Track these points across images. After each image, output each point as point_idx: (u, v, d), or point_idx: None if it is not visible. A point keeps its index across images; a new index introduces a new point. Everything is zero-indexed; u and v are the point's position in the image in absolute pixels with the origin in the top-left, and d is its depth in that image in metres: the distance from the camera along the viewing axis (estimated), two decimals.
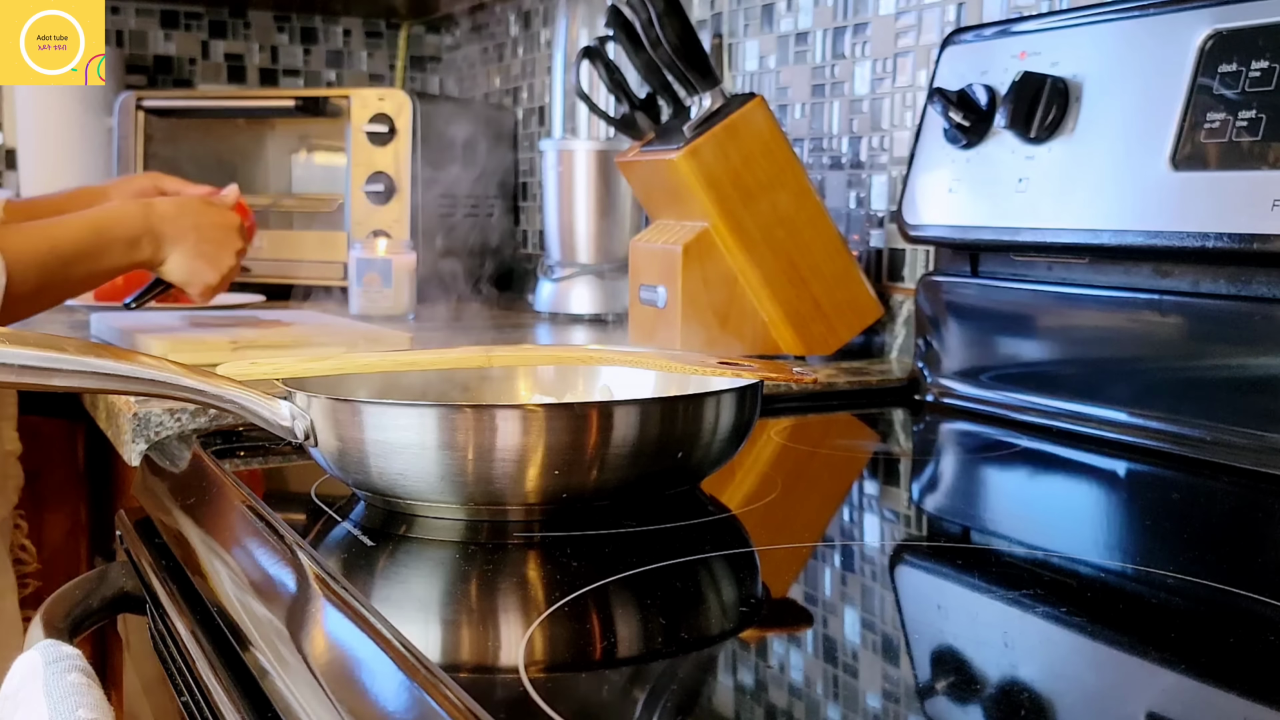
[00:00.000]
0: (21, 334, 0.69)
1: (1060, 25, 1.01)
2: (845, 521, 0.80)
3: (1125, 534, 0.77)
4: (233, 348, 1.16)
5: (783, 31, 1.53)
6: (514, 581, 0.62)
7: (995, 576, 0.64)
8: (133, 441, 0.92)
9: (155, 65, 2.35)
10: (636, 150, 1.33)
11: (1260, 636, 0.54)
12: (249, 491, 0.76)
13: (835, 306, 1.25)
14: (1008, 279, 1.07)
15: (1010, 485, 0.93)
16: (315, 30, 2.48)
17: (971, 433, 1.05)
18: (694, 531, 0.70)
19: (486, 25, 2.37)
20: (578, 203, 1.71)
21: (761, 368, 0.76)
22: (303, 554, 0.64)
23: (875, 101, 1.38)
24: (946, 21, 1.27)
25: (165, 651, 0.75)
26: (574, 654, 0.53)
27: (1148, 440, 0.92)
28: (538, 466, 0.67)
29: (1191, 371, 0.90)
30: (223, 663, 0.61)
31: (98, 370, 0.69)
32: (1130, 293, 0.95)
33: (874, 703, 0.48)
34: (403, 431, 0.68)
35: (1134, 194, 0.91)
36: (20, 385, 0.69)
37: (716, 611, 0.59)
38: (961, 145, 1.07)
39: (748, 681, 0.51)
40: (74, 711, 0.61)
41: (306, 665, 0.52)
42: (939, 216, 1.10)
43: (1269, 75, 0.84)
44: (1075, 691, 0.49)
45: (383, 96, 1.91)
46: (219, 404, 0.73)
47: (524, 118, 2.23)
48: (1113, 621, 0.56)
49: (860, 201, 1.40)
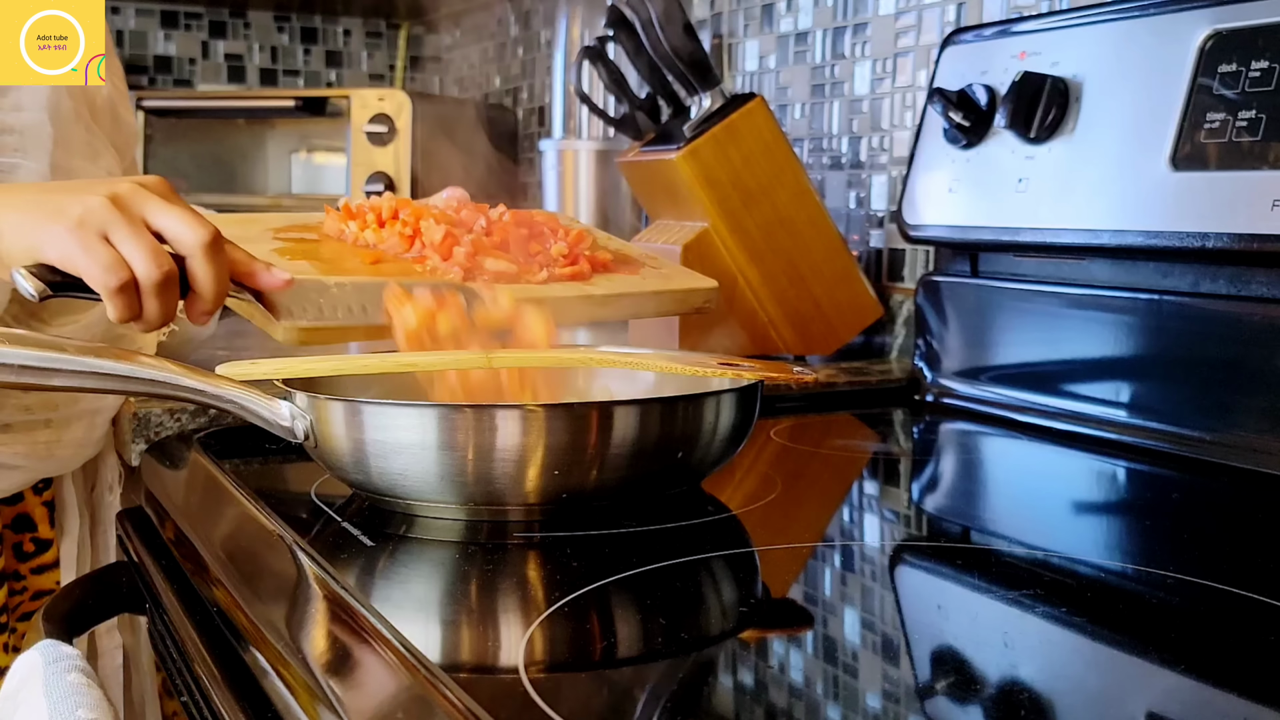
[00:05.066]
0: (21, 334, 0.69)
1: (1060, 25, 1.01)
2: (845, 521, 0.80)
3: (1125, 534, 0.77)
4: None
5: (783, 31, 1.53)
6: (514, 581, 0.62)
7: (995, 576, 0.64)
8: (133, 441, 0.92)
9: (155, 65, 2.35)
10: (636, 150, 1.33)
11: (1260, 636, 0.54)
12: (249, 491, 0.76)
13: (835, 306, 1.25)
14: (1008, 279, 1.07)
15: (1010, 485, 0.93)
16: (315, 30, 2.48)
17: (971, 433, 1.05)
18: (694, 531, 0.70)
19: (486, 25, 2.37)
20: (578, 203, 1.71)
21: (761, 368, 0.76)
22: (303, 554, 0.64)
23: (875, 101, 1.38)
24: (946, 21, 1.27)
25: (165, 651, 0.75)
26: (574, 654, 0.53)
27: (1148, 440, 0.92)
28: (538, 466, 0.67)
29: (1191, 371, 0.90)
30: (223, 663, 0.61)
31: (98, 370, 0.69)
32: (1130, 293, 0.95)
33: (874, 703, 0.48)
34: (403, 431, 0.68)
35: (1134, 194, 0.91)
36: (20, 385, 0.69)
37: (716, 611, 0.59)
38: (961, 145, 1.07)
39: (748, 681, 0.51)
40: (74, 711, 0.61)
41: (306, 665, 0.52)
42: (939, 216, 1.10)
43: (1269, 75, 0.84)
44: (1075, 692, 0.49)
45: (383, 96, 1.91)
46: (219, 404, 0.73)
47: (524, 118, 2.23)
48: (1113, 621, 0.56)
49: (860, 201, 1.40)
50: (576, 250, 0.95)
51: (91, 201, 0.73)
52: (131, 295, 0.74)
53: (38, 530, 0.99)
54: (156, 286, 0.73)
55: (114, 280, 0.72)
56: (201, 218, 0.76)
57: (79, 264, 0.73)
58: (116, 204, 0.74)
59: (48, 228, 0.73)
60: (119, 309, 0.74)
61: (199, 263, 0.74)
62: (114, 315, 0.74)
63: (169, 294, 0.74)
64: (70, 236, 0.72)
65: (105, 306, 0.74)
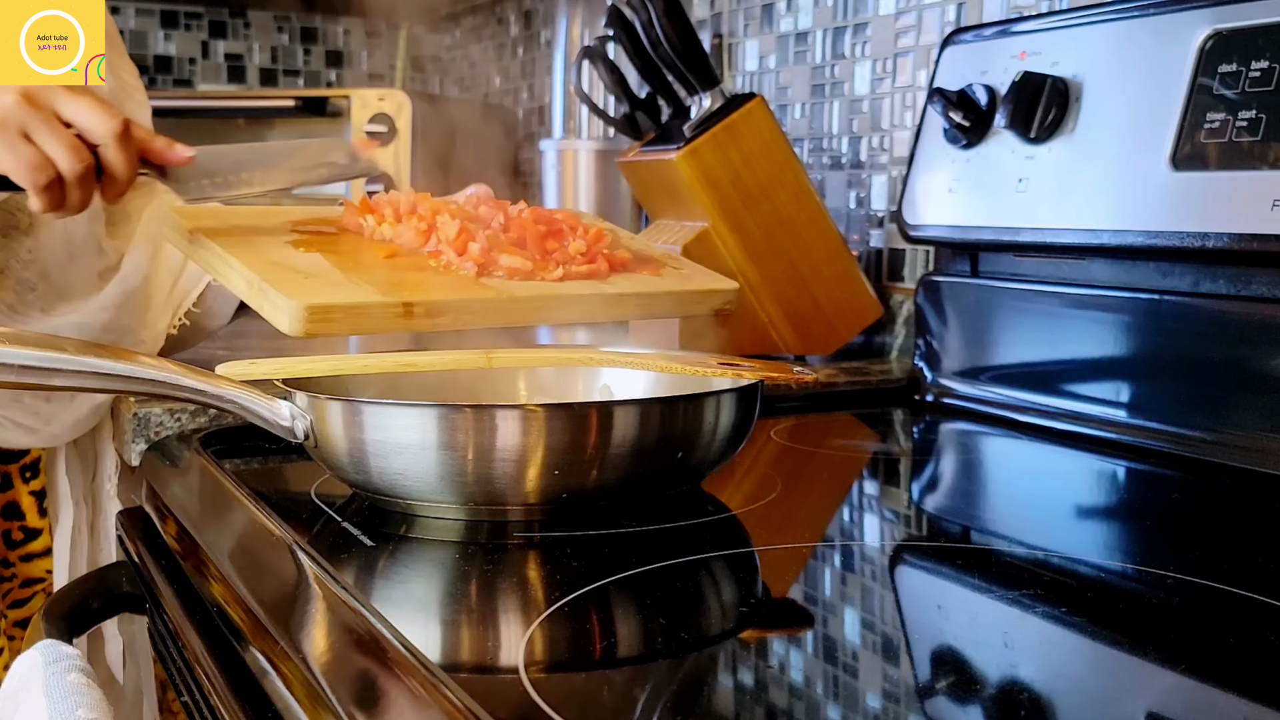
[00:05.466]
0: (21, 334, 0.69)
1: (1060, 25, 1.01)
2: (845, 521, 0.80)
3: (1125, 534, 0.77)
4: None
5: (783, 31, 1.53)
6: (514, 581, 0.62)
7: (995, 576, 0.64)
8: (133, 441, 0.92)
9: (155, 65, 2.35)
10: (636, 150, 1.33)
11: (1260, 636, 0.54)
12: (249, 491, 0.76)
13: (835, 306, 1.25)
14: (1008, 279, 1.07)
15: (1010, 485, 0.93)
16: (315, 30, 2.48)
17: (971, 433, 1.05)
18: (694, 531, 0.70)
19: (486, 25, 2.37)
20: (578, 203, 1.71)
21: (761, 368, 0.76)
22: (303, 554, 0.64)
23: (875, 101, 1.38)
24: (946, 21, 1.27)
25: (165, 651, 0.75)
26: (574, 654, 0.53)
27: (1148, 440, 0.92)
28: (538, 466, 0.67)
29: (1191, 371, 0.90)
30: (223, 663, 0.61)
31: (98, 370, 0.69)
32: (1130, 293, 0.95)
33: (874, 703, 0.48)
34: (403, 431, 0.68)
35: (1134, 194, 0.91)
36: (20, 385, 0.69)
37: (716, 611, 0.59)
38: (961, 145, 1.07)
39: (748, 681, 0.51)
40: (74, 711, 0.61)
41: (306, 665, 0.52)
42: (939, 216, 1.10)
43: (1269, 75, 0.84)
44: (1075, 691, 0.49)
45: (383, 96, 1.91)
46: (219, 404, 0.73)
47: (524, 118, 2.23)
48: (1113, 621, 0.56)
49: (860, 201, 1.40)
50: (595, 249, 0.95)
51: (5, 100, 0.78)
52: (56, 189, 0.80)
53: (25, 519, 1.00)
54: (78, 178, 0.79)
55: (41, 178, 0.78)
56: (109, 105, 0.81)
57: (5, 164, 0.78)
58: (29, 101, 0.78)
59: None
60: (44, 202, 0.80)
61: (113, 151, 0.80)
62: (38, 207, 0.80)
63: (89, 183, 0.81)
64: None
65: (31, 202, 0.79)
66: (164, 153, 0.84)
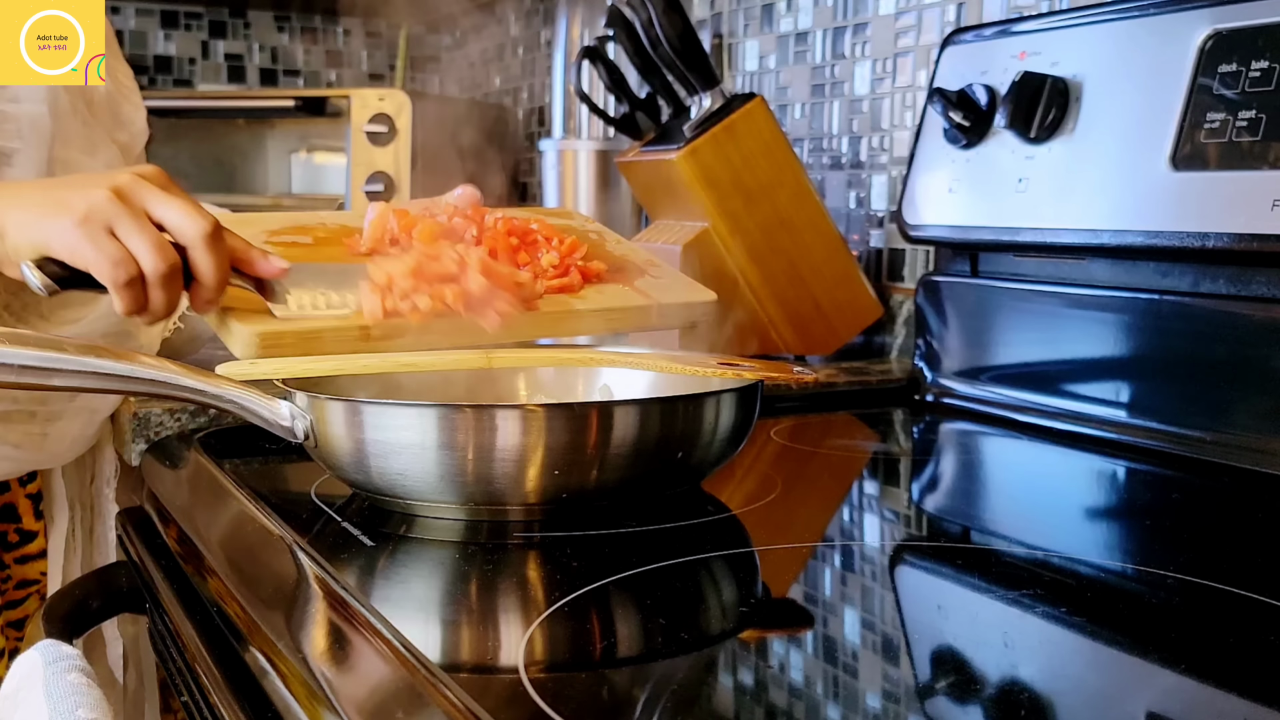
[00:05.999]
0: (22, 334, 0.69)
1: (1060, 25, 1.01)
2: (845, 521, 0.80)
3: (1125, 534, 0.77)
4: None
5: (783, 31, 1.53)
6: (514, 581, 0.62)
7: (995, 576, 0.64)
8: (133, 441, 0.92)
9: (155, 65, 2.35)
10: (636, 150, 1.33)
11: (1260, 636, 0.54)
12: (249, 491, 0.76)
13: (835, 306, 1.25)
14: (1008, 279, 1.07)
15: (1010, 485, 0.93)
16: (315, 30, 2.48)
17: (971, 432, 1.05)
18: (694, 531, 0.70)
19: (486, 25, 2.37)
20: (578, 203, 1.71)
21: (761, 368, 0.76)
22: (303, 554, 0.64)
23: (875, 101, 1.38)
24: (946, 21, 1.27)
25: (165, 651, 0.75)
26: (574, 654, 0.53)
27: (1148, 440, 0.92)
28: (538, 466, 0.67)
29: (1191, 371, 0.90)
30: (223, 663, 0.61)
31: (98, 370, 0.69)
32: (1130, 293, 0.95)
33: (874, 703, 0.48)
34: (403, 431, 0.68)
35: (1134, 194, 0.91)
36: (20, 385, 0.69)
37: (716, 611, 0.59)
38: (961, 145, 1.07)
39: (748, 681, 0.51)
40: (74, 711, 0.61)
41: (306, 665, 0.52)
42: (939, 216, 1.10)
43: (1269, 75, 0.84)
44: (1075, 692, 0.49)
45: (383, 96, 1.91)
46: (219, 404, 0.73)
47: (524, 118, 2.23)
48: (1113, 621, 0.56)
49: (860, 201, 1.40)
50: (568, 261, 0.94)
51: (95, 195, 0.74)
52: (138, 288, 0.75)
53: (22, 522, 1.00)
54: (162, 279, 0.75)
55: (122, 275, 0.74)
56: (201, 208, 0.77)
57: (87, 259, 0.74)
58: (120, 197, 0.75)
59: (54, 223, 0.74)
60: (126, 302, 0.75)
61: (200, 253, 0.76)
62: (121, 309, 0.75)
63: (174, 285, 0.76)
64: (77, 231, 0.73)
65: (112, 299, 0.75)
66: (258, 263, 0.80)
